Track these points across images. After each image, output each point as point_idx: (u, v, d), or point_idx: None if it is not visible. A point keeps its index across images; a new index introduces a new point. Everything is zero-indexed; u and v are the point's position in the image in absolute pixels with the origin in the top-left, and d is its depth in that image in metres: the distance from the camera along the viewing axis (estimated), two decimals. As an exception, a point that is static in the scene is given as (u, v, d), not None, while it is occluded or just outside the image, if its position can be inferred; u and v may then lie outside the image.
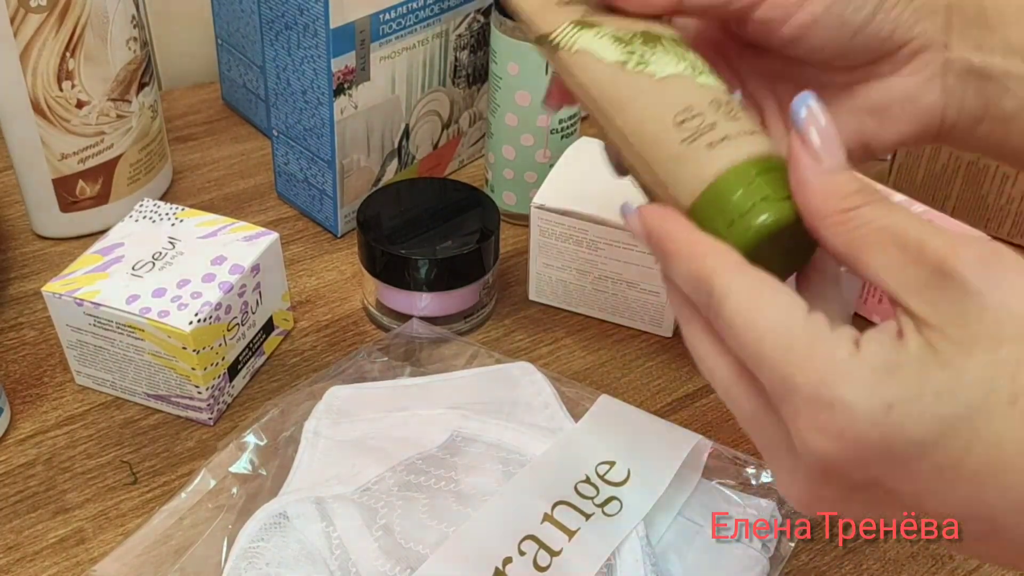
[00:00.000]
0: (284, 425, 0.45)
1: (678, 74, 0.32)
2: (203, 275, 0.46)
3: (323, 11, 0.51)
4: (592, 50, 0.33)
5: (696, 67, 0.32)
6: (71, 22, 0.52)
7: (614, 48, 0.33)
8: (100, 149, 0.57)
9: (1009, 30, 0.32)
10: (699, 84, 0.31)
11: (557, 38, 0.34)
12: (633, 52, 0.32)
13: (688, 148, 0.30)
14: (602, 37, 0.33)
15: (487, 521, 0.38)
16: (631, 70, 0.32)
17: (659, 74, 0.32)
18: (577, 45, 0.33)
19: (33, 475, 0.45)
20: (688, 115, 0.30)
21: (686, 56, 0.33)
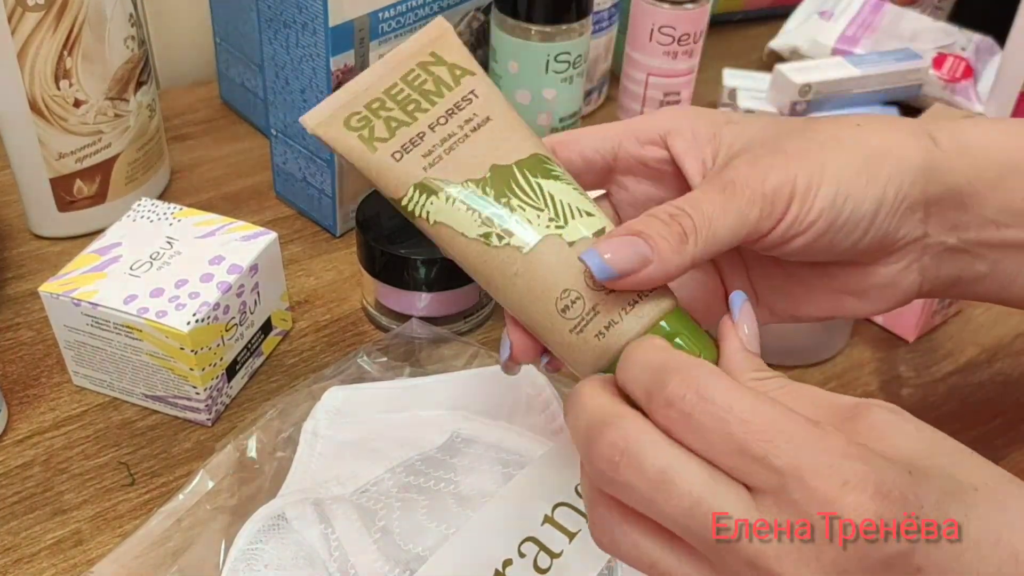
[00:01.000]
0: (283, 426, 0.44)
1: (546, 237, 0.31)
2: (201, 275, 0.46)
3: (322, 9, 0.51)
4: (450, 223, 0.31)
5: (558, 209, 0.31)
6: (68, 20, 0.51)
7: (471, 219, 0.31)
8: (98, 148, 0.57)
9: (984, 206, 0.33)
10: (568, 245, 0.31)
11: (409, 206, 0.32)
12: (492, 220, 0.31)
13: (578, 339, 0.31)
14: (455, 203, 0.31)
15: (487, 523, 0.38)
16: (496, 246, 0.31)
17: (527, 247, 0.31)
18: (433, 216, 0.31)
19: (30, 476, 0.44)
20: (568, 300, 0.31)
21: (542, 197, 0.31)
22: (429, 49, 0.33)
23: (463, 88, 0.33)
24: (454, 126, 0.32)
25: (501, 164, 0.32)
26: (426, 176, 0.31)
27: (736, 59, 0.80)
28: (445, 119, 0.32)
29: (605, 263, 0.29)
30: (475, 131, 0.32)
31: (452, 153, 0.32)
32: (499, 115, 0.33)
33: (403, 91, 0.33)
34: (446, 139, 0.32)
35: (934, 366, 0.53)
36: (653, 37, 0.64)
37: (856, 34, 0.80)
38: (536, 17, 0.55)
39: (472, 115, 0.33)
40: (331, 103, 0.32)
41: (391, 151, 0.32)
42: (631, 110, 0.68)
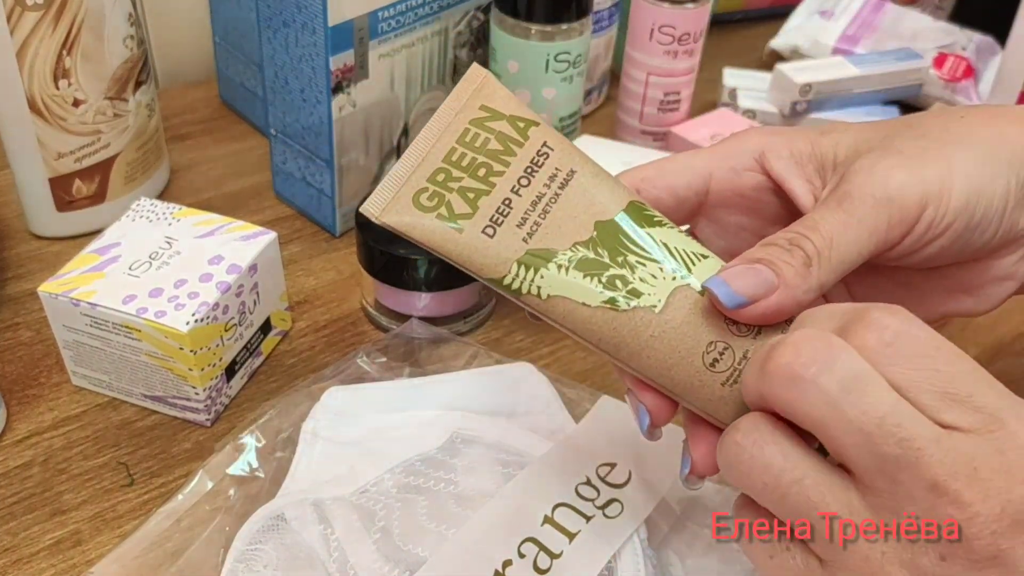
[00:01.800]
0: (282, 426, 0.44)
1: (675, 290, 0.28)
2: (200, 275, 0.46)
3: (321, 8, 0.51)
4: (568, 294, 0.28)
5: (676, 258, 0.29)
6: (67, 20, 0.51)
7: (592, 286, 0.28)
8: (97, 148, 0.57)
9: None
10: (699, 294, 0.28)
11: (516, 283, 0.28)
12: (615, 281, 0.28)
13: (732, 391, 0.28)
14: (569, 272, 0.28)
15: (487, 523, 0.38)
16: (626, 310, 0.28)
17: (659, 305, 0.28)
18: (546, 290, 0.28)
19: (29, 476, 0.44)
20: (716, 353, 0.28)
21: (657, 248, 0.29)
22: (477, 103, 0.30)
23: (534, 142, 0.30)
24: (540, 186, 0.29)
25: (604, 220, 0.29)
26: (529, 248, 0.28)
27: (736, 58, 0.79)
28: (527, 180, 0.29)
29: (733, 291, 0.27)
30: (563, 188, 0.29)
31: (548, 217, 0.29)
32: (581, 166, 0.30)
33: (466, 155, 0.29)
34: (536, 202, 0.29)
35: (935, 366, 0.53)
36: (653, 36, 0.63)
37: (857, 33, 0.80)
38: (536, 16, 0.55)
39: (555, 171, 0.29)
40: (389, 184, 0.29)
41: (481, 227, 0.28)
42: (631, 110, 0.68)
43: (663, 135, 0.68)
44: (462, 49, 0.62)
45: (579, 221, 0.29)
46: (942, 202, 0.29)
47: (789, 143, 0.32)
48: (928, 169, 0.29)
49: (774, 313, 0.28)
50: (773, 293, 0.28)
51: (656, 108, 0.67)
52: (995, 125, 0.31)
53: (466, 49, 0.62)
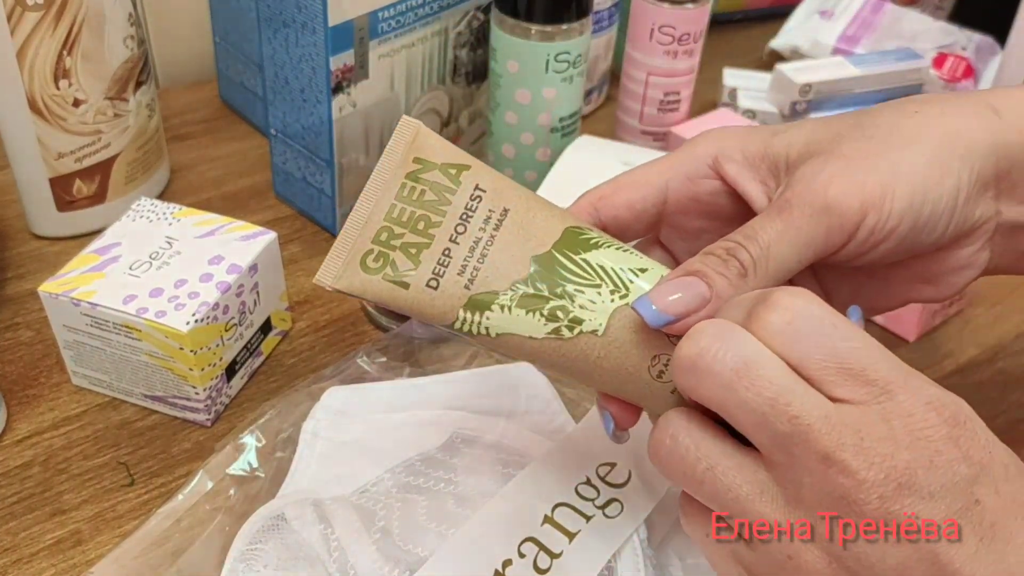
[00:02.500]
0: (282, 426, 0.44)
1: (616, 311, 0.29)
2: (200, 275, 0.46)
3: (321, 8, 0.51)
4: (514, 331, 0.30)
5: (613, 278, 0.30)
6: (68, 20, 0.51)
7: (535, 320, 0.29)
8: (97, 148, 0.57)
9: None
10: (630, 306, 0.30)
11: (465, 327, 0.30)
12: (556, 314, 0.29)
13: (680, 397, 0.30)
14: (512, 311, 0.30)
15: (487, 523, 0.38)
16: (570, 338, 0.29)
17: (600, 328, 0.29)
18: (494, 329, 0.30)
19: (29, 476, 0.44)
20: (661, 364, 0.30)
21: (594, 272, 0.30)
22: (411, 156, 0.31)
23: (466, 187, 0.31)
24: (476, 231, 0.30)
25: (540, 253, 0.30)
26: (471, 294, 0.30)
27: (736, 59, 0.79)
28: (463, 226, 0.30)
29: (658, 310, 0.28)
30: (498, 228, 0.30)
31: (486, 260, 0.30)
32: (514, 202, 0.31)
33: (405, 210, 0.30)
34: (474, 247, 0.30)
35: (935, 366, 0.53)
36: (653, 36, 0.63)
37: (857, 34, 0.80)
38: (536, 17, 0.55)
39: (488, 212, 0.30)
40: (338, 252, 0.30)
41: (424, 281, 0.30)
42: (631, 110, 0.68)
43: (663, 135, 0.68)
44: (462, 49, 0.62)
45: (516, 259, 0.30)
46: (884, 207, 0.29)
47: (742, 145, 0.33)
48: (870, 175, 0.29)
49: None
50: (704, 306, 0.28)
51: (656, 108, 0.67)
52: (948, 121, 0.31)
53: (466, 49, 0.62)
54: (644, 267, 0.31)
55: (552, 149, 0.59)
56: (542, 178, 0.54)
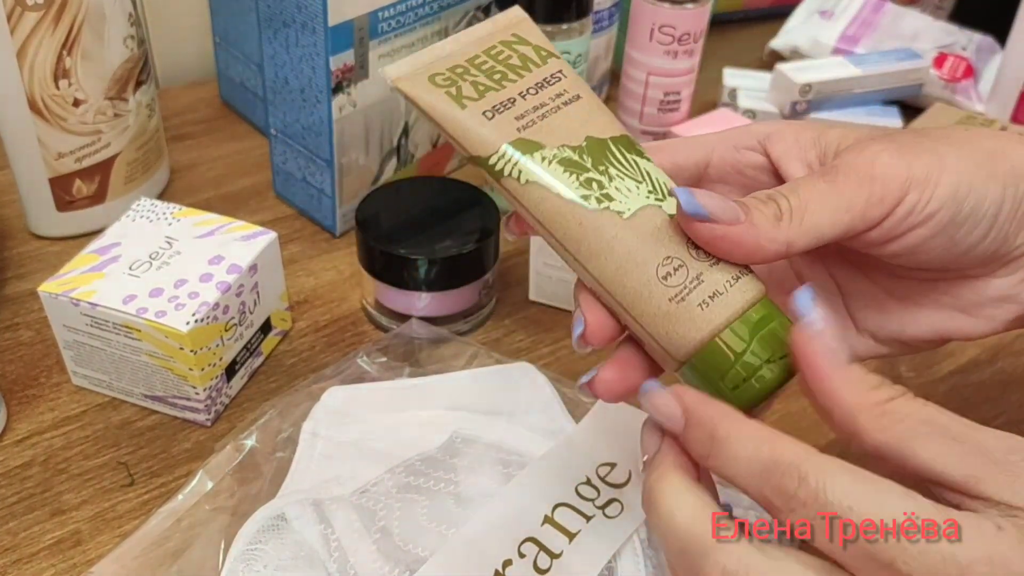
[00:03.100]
0: (282, 426, 0.44)
1: (646, 206, 0.29)
2: (200, 275, 0.46)
3: (321, 8, 0.51)
4: (545, 183, 0.30)
5: (654, 182, 0.30)
6: (68, 20, 0.51)
7: (569, 180, 0.29)
8: (97, 148, 0.57)
9: None
10: (668, 216, 0.29)
11: (498, 164, 0.30)
12: (591, 182, 0.29)
13: (678, 308, 0.29)
14: (551, 163, 0.30)
15: (487, 523, 0.38)
16: (595, 209, 0.29)
17: (627, 212, 0.29)
18: (525, 175, 0.30)
19: (29, 476, 0.44)
20: (671, 267, 0.29)
21: (639, 171, 0.30)
22: (511, 30, 0.33)
23: (550, 67, 0.32)
24: (545, 97, 0.31)
25: (596, 136, 0.31)
26: (520, 136, 0.30)
27: (736, 59, 0.79)
28: (535, 91, 0.31)
29: (696, 198, 0.28)
30: (567, 105, 0.31)
31: (546, 120, 0.31)
32: (588, 97, 0.32)
33: (487, 62, 0.31)
34: (538, 107, 0.31)
35: (935, 366, 0.53)
36: (653, 36, 0.63)
37: (857, 33, 0.80)
38: (536, 16, 0.55)
39: (563, 91, 0.31)
40: (412, 61, 0.31)
41: (482, 110, 0.30)
42: (631, 110, 0.68)
43: (663, 135, 0.68)
44: (462, 49, 0.62)
45: (573, 131, 0.31)
46: (927, 189, 0.29)
47: (796, 131, 0.33)
48: (918, 158, 0.29)
49: (733, 244, 0.28)
50: (736, 224, 0.28)
51: (656, 108, 0.67)
52: (997, 141, 0.31)
53: (466, 49, 0.62)
54: None
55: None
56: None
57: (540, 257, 0.54)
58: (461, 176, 0.67)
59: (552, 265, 0.54)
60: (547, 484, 0.40)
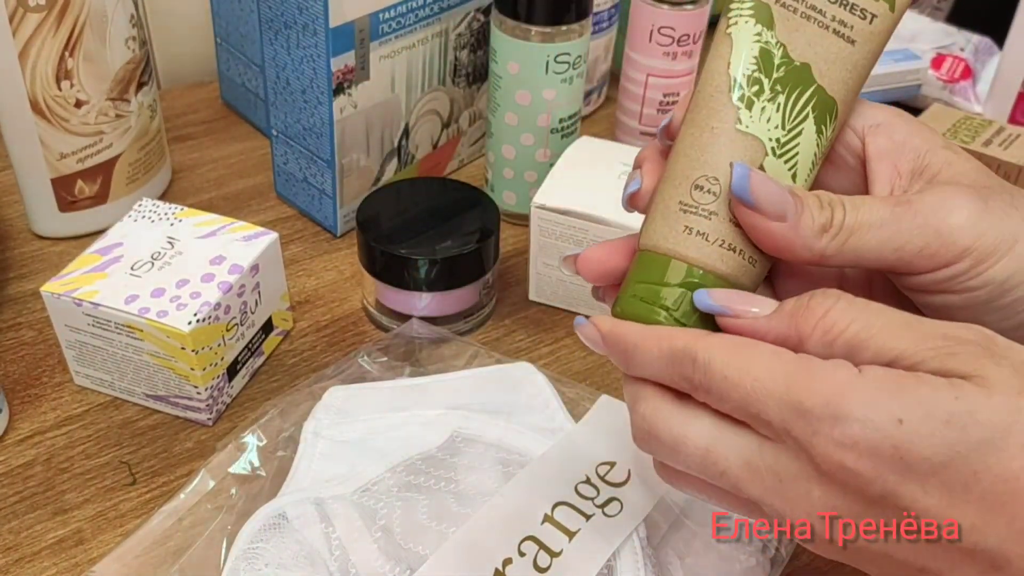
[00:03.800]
0: (283, 426, 0.44)
1: (758, 139, 0.30)
2: (202, 275, 0.46)
3: (322, 10, 0.51)
4: (736, 44, 0.30)
5: (785, 144, 0.30)
6: (70, 21, 0.52)
7: (748, 64, 0.30)
8: (99, 149, 0.57)
9: None
10: (760, 166, 0.30)
11: (734, 4, 0.31)
12: (754, 82, 0.30)
13: (677, 213, 0.30)
14: (756, 41, 0.30)
15: (487, 522, 0.38)
16: (729, 100, 0.30)
17: (742, 126, 0.30)
18: (733, 28, 0.30)
19: (32, 476, 0.44)
20: (707, 185, 0.30)
21: (795, 119, 0.30)
22: None
23: (873, 5, 0.31)
24: (830, 14, 0.31)
25: (810, 75, 0.30)
26: (771, 4, 0.30)
27: (736, 60, 0.80)
28: (839, 5, 0.31)
29: (749, 183, 0.28)
30: (835, 35, 0.31)
31: (803, 21, 0.30)
32: (862, 50, 0.31)
33: None
34: (814, 9, 0.30)
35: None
36: (653, 38, 0.64)
37: (855, 35, 0.80)
38: (536, 18, 0.55)
39: (849, 25, 0.31)
40: None
41: None
42: (630, 111, 0.68)
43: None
44: (462, 51, 0.62)
45: (804, 51, 0.30)
46: (981, 264, 0.28)
47: (906, 135, 0.32)
48: (993, 228, 0.28)
49: (767, 237, 0.29)
50: (779, 221, 0.28)
51: (655, 109, 0.67)
52: None
53: (466, 51, 0.63)
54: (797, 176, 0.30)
55: (552, 150, 0.59)
56: (542, 178, 0.54)
57: (540, 257, 0.54)
58: (461, 177, 0.67)
59: (552, 265, 0.54)
60: (547, 483, 0.40)
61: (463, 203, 0.54)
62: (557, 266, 0.54)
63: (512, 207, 0.62)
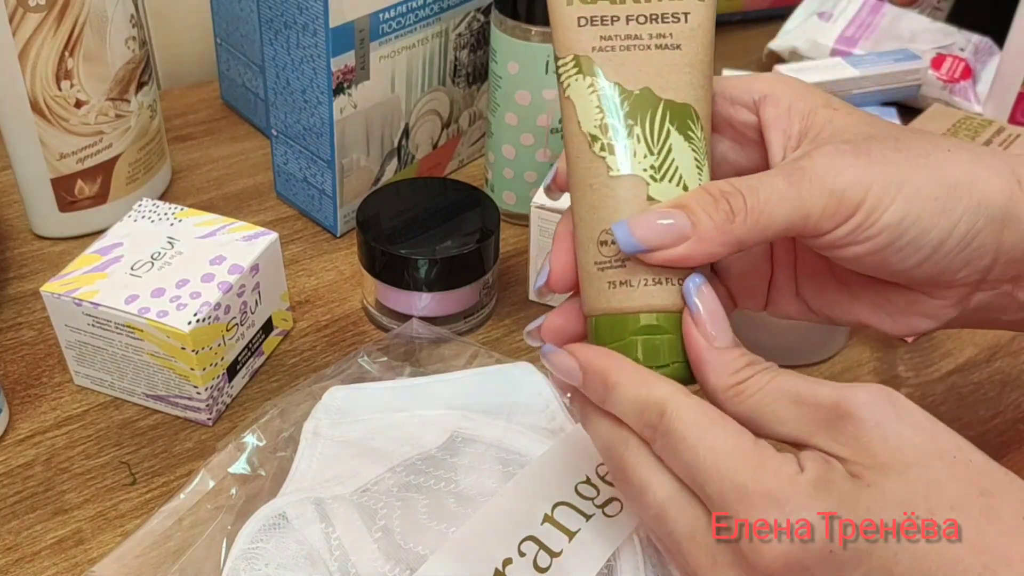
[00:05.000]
0: (283, 425, 0.44)
1: (633, 176, 0.31)
2: (202, 275, 0.46)
3: (322, 10, 0.51)
4: (577, 105, 0.32)
5: (665, 164, 0.31)
6: (70, 21, 0.52)
7: (593, 115, 0.31)
8: (99, 149, 0.57)
9: None
10: (647, 198, 0.31)
11: (560, 68, 0.32)
12: (606, 129, 0.31)
13: (597, 274, 0.31)
14: (592, 92, 0.31)
15: (487, 522, 0.38)
16: (595, 152, 0.31)
17: (614, 170, 0.31)
18: (569, 91, 0.32)
19: (32, 475, 0.44)
20: (608, 237, 0.31)
21: (662, 144, 0.31)
22: None
23: (681, 5, 0.32)
24: (646, 33, 0.32)
25: (654, 93, 0.31)
26: (589, 56, 0.31)
27: (735, 59, 0.80)
28: (645, 20, 0.32)
29: (633, 237, 0.29)
30: (660, 48, 0.32)
31: (626, 53, 0.31)
32: (690, 49, 0.32)
33: None
34: (630, 37, 0.32)
35: (933, 366, 0.53)
36: (653, 38, 0.64)
37: (855, 35, 0.80)
38: (536, 18, 0.55)
39: (668, 34, 0.32)
40: None
41: (581, 14, 0.32)
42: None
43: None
44: (462, 51, 0.62)
45: (638, 77, 0.31)
46: (874, 212, 0.30)
47: (791, 98, 0.33)
48: (879, 177, 0.30)
49: (679, 261, 0.30)
50: (683, 242, 0.29)
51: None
52: (973, 170, 0.31)
53: (466, 51, 0.63)
54: (688, 186, 0.31)
55: (552, 150, 0.59)
56: (542, 178, 0.54)
57: (540, 257, 0.54)
58: (461, 177, 0.67)
59: (552, 265, 0.54)
60: (547, 483, 0.40)
61: (463, 203, 0.54)
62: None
63: (512, 207, 0.62)
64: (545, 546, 0.38)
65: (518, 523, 0.38)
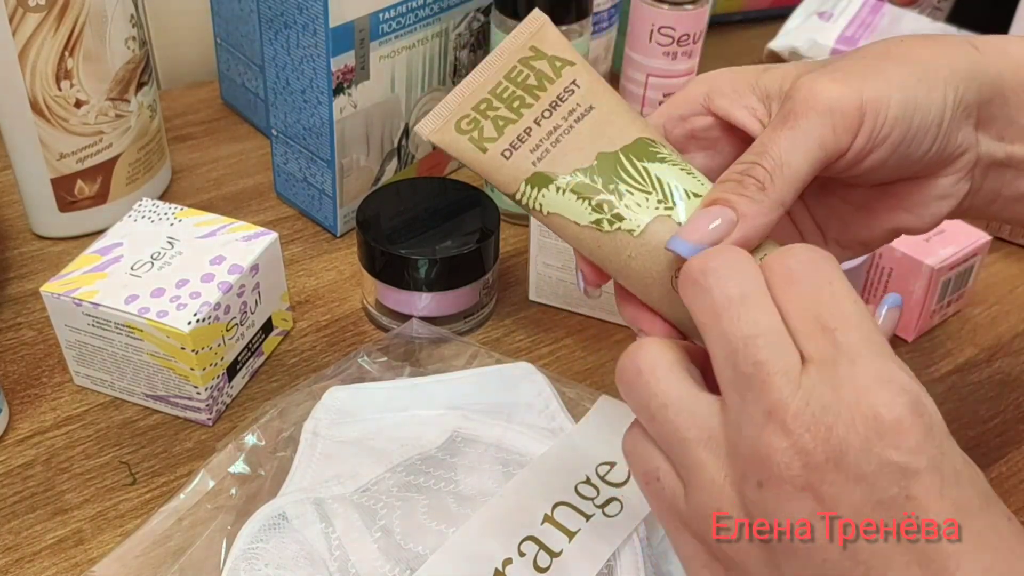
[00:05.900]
0: (283, 425, 0.44)
1: (656, 218, 0.31)
2: (202, 275, 0.46)
3: (322, 10, 0.51)
4: (562, 213, 0.32)
5: (665, 191, 0.32)
6: (70, 21, 0.52)
7: (582, 207, 0.32)
8: (99, 149, 0.57)
9: None
10: (678, 225, 0.31)
11: (523, 200, 0.33)
12: (603, 205, 0.31)
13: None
14: (565, 193, 0.32)
15: (487, 522, 0.38)
16: (608, 232, 0.32)
17: (637, 229, 0.31)
18: (546, 207, 0.32)
19: (31, 476, 0.44)
20: (675, 275, 0.31)
21: (649, 180, 0.32)
22: (529, 44, 0.34)
23: (564, 79, 0.34)
24: (558, 118, 0.33)
25: (607, 151, 0.32)
26: (536, 170, 0.32)
27: (736, 60, 0.80)
28: (549, 112, 0.33)
29: (691, 244, 0.29)
30: (579, 121, 0.33)
31: (558, 146, 0.33)
32: (601, 103, 0.33)
33: (508, 88, 0.33)
34: (552, 132, 0.33)
35: (932, 366, 0.53)
36: (652, 38, 0.64)
37: (855, 35, 0.80)
38: (536, 18, 0.55)
39: (575, 105, 0.33)
40: (442, 109, 0.34)
41: (500, 150, 0.33)
42: (631, 111, 0.68)
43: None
44: (462, 50, 0.62)
45: (584, 151, 0.32)
46: (880, 112, 0.31)
47: (731, 81, 0.34)
48: (866, 82, 0.31)
49: (742, 245, 0.30)
50: (733, 229, 0.29)
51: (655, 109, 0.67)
52: (934, 47, 0.33)
53: (466, 50, 0.63)
54: (699, 192, 0.32)
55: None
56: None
57: (540, 257, 0.54)
58: (461, 177, 0.67)
59: (552, 265, 0.54)
60: (547, 483, 0.40)
61: (463, 203, 0.54)
62: (557, 266, 0.54)
63: (512, 207, 0.62)
64: (545, 546, 0.38)
65: (518, 523, 0.38)
